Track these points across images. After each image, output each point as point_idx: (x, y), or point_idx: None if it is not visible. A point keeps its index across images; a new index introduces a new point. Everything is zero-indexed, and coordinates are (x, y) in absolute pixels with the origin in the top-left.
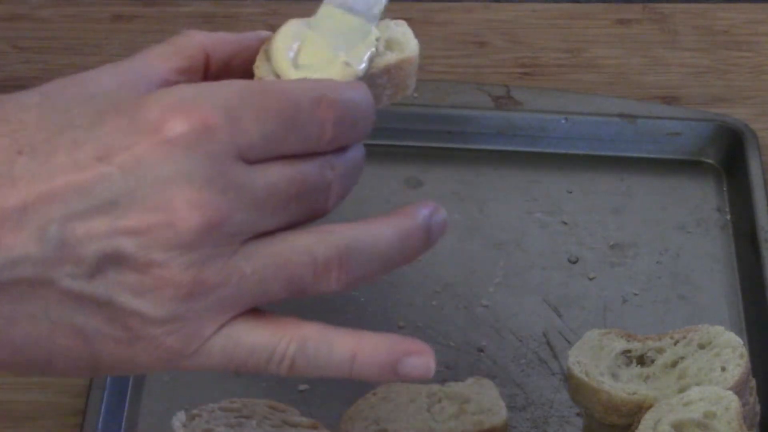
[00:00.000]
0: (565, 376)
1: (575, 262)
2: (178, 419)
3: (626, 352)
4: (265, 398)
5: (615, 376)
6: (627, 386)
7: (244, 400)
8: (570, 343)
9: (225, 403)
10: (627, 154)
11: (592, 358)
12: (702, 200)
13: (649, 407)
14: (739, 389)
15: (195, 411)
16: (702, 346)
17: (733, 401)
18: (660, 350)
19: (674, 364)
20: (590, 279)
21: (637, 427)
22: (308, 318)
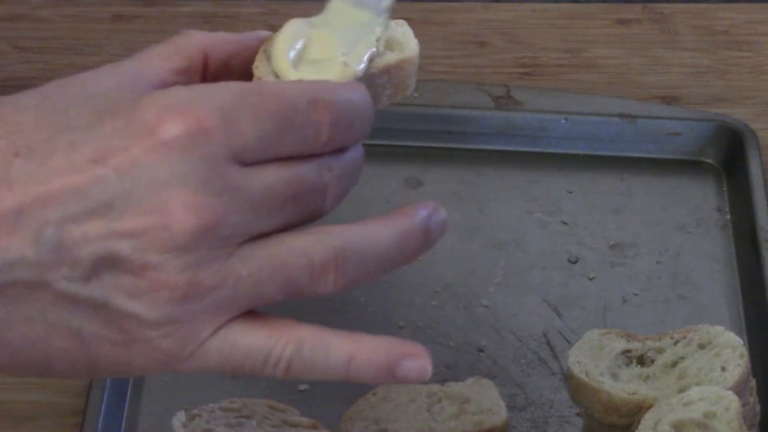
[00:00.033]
0: (565, 376)
1: (575, 262)
2: (178, 419)
3: (626, 352)
4: (265, 398)
5: (615, 376)
6: (627, 386)
7: (244, 400)
8: (570, 343)
9: (225, 403)
10: (627, 154)
11: (592, 358)
12: (702, 200)
13: (649, 407)
14: (739, 389)
15: (195, 411)
16: (702, 346)
17: (733, 401)
18: (660, 350)
19: (674, 364)
20: (590, 279)
21: (637, 427)
22: (308, 318)
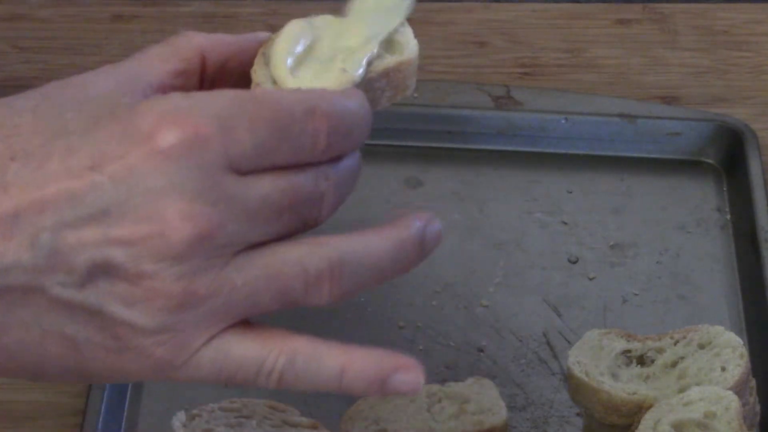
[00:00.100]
0: (565, 376)
1: (575, 262)
2: (178, 419)
3: (626, 352)
4: (265, 398)
5: (615, 376)
6: (627, 386)
7: (244, 400)
8: (570, 343)
9: (225, 403)
10: (627, 154)
11: (592, 358)
12: (702, 200)
13: (649, 407)
14: (739, 389)
15: (195, 411)
16: (702, 346)
17: (733, 401)
18: (660, 350)
19: (674, 364)
20: (590, 279)
21: (637, 427)
22: (308, 318)
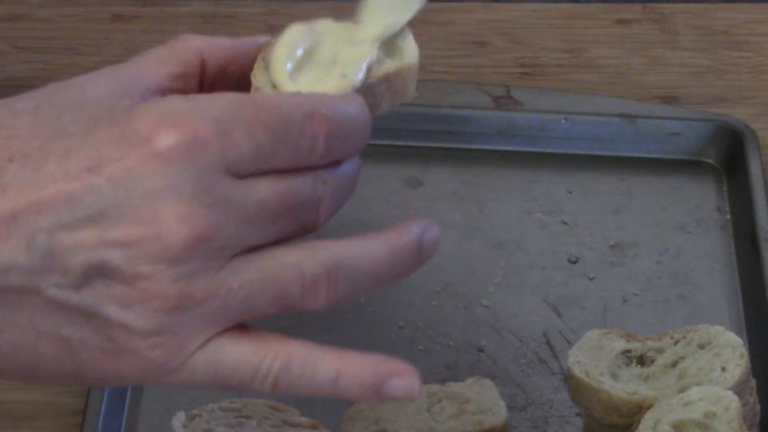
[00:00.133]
0: (565, 376)
1: (575, 262)
2: (178, 419)
3: (626, 352)
4: (265, 398)
5: (615, 376)
6: (627, 386)
7: (244, 400)
8: (570, 343)
9: (225, 403)
10: (627, 154)
11: (592, 358)
12: (702, 200)
13: (649, 407)
14: (739, 389)
15: (195, 411)
16: (702, 346)
17: (733, 401)
18: (660, 350)
19: (674, 364)
20: (590, 279)
21: (637, 427)
22: (308, 318)
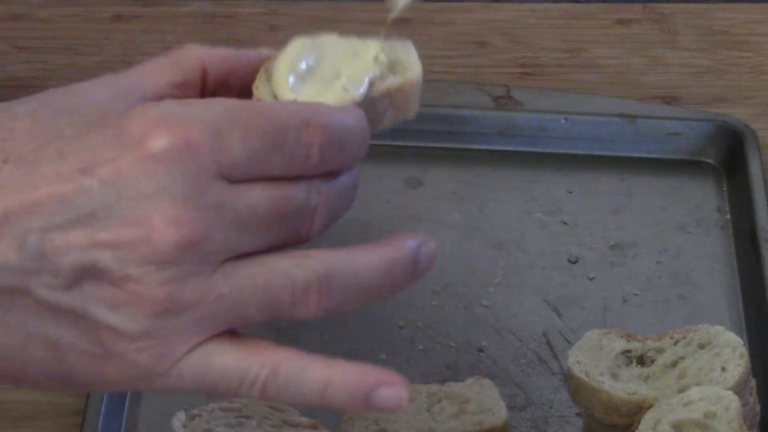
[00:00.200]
0: (565, 376)
1: (575, 262)
2: (178, 419)
3: (626, 352)
4: None
5: (615, 376)
6: (627, 386)
7: (244, 400)
8: (570, 343)
9: (225, 403)
10: (627, 154)
11: (592, 358)
12: (702, 200)
13: (649, 407)
14: (739, 389)
15: (195, 411)
16: (702, 346)
17: (733, 401)
18: (660, 350)
19: (674, 364)
20: (590, 279)
21: (637, 427)
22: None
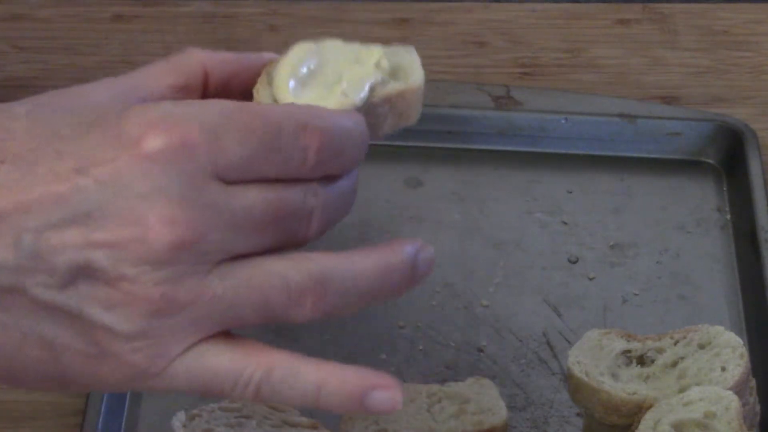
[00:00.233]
0: (565, 376)
1: (575, 262)
2: (178, 419)
3: (626, 352)
4: None
5: (615, 376)
6: (627, 386)
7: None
8: (570, 343)
9: (225, 403)
10: (627, 154)
11: (592, 358)
12: (702, 200)
13: (649, 407)
14: (739, 389)
15: (195, 411)
16: (702, 346)
17: (733, 401)
18: (660, 350)
19: (674, 364)
20: (590, 279)
21: (637, 427)
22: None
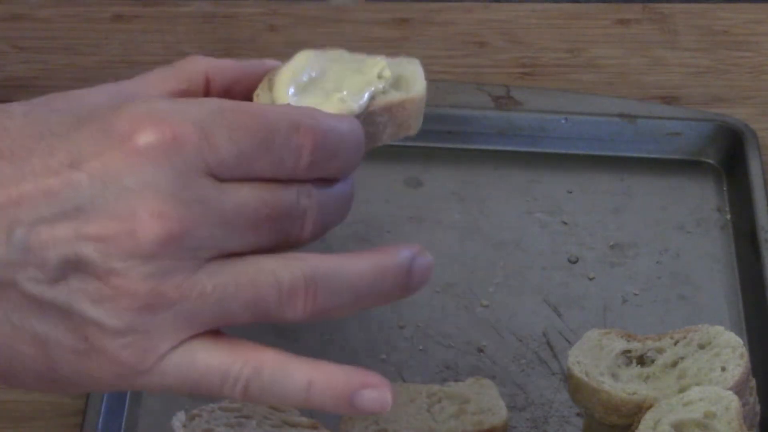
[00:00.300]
0: (565, 376)
1: (575, 262)
2: (178, 419)
3: (626, 352)
4: None
5: (615, 376)
6: (627, 386)
7: None
8: (570, 343)
9: (225, 403)
10: (627, 154)
11: (592, 358)
12: (702, 200)
13: (649, 407)
14: (739, 389)
15: (195, 411)
16: (702, 346)
17: (733, 401)
18: (660, 350)
19: (674, 364)
20: (590, 279)
21: (637, 427)
22: None
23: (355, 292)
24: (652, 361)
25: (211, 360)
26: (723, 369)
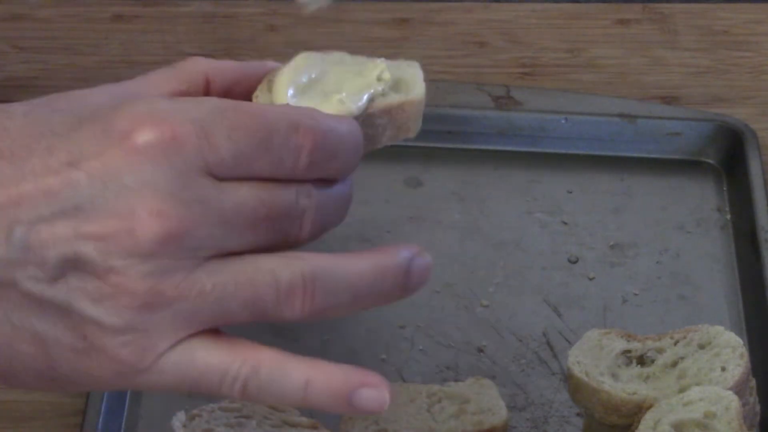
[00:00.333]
0: (565, 376)
1: (575, 262)
2: (178, 419)
3: (626, 352)
4: None
5: (615, 376)
6: (627, 386)
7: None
8: (570, 343)
9: (225, 403)
10: (627, 154)
11: (592, 358)
12: (702, 200)
13: (649, 407)
14: (739, 389)
15: (195, 411)
16: (702, 346)
17: (733, 401)
18: (660, 350)
19: (674, 364)
20: (590, 279)
21: (637, 427)
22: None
23: (354, 292)
24: (652, 361)
25: (210, 359)
26: (723, 369)
